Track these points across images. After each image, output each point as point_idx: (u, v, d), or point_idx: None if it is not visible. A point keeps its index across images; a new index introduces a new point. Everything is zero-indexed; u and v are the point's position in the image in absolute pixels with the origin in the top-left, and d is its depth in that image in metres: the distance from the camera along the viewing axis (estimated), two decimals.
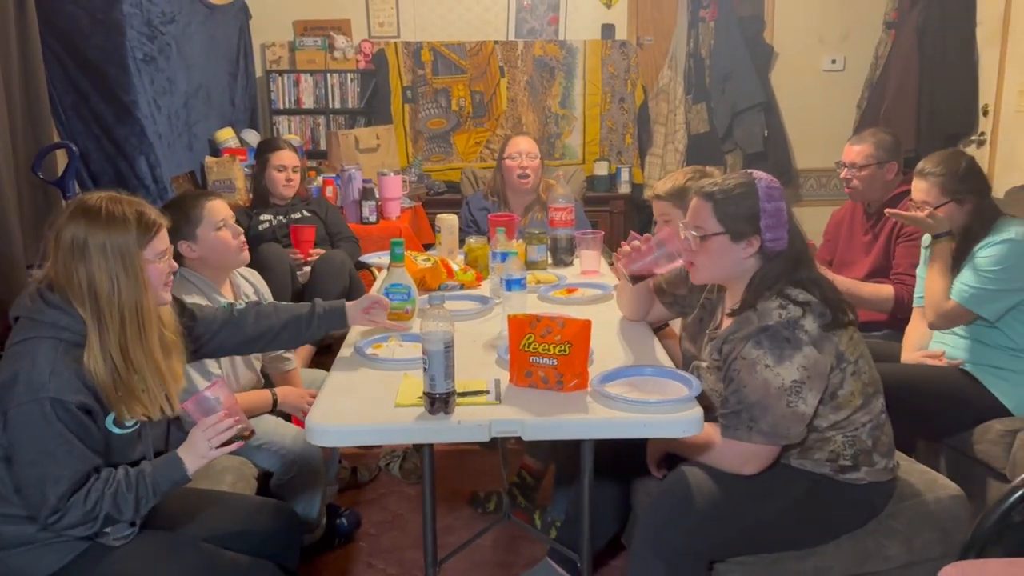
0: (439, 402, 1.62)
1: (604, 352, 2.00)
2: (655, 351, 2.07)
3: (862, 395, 1.80)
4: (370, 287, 2.96)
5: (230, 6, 4.84)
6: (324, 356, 3.29)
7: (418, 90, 5.28)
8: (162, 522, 1.79)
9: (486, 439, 1.63)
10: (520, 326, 1.77)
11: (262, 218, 3.68)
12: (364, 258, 3.18)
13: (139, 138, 3.63)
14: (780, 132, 5.31)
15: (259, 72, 5.29)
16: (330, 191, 4.30)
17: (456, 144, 5.37)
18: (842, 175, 2.96)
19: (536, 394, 1.75)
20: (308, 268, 3.55)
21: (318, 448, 2.32)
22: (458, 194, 4.89)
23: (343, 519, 2.61)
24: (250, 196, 3.95)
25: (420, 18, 5.32)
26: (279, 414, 2.42)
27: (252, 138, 4.75)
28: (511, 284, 2.14)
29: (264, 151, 3.73)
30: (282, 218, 3.71)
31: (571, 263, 2.98)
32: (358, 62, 5.26)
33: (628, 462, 2.07)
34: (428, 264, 2.59)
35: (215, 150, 4.44)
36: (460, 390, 1.69)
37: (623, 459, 2.07)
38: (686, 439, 1.82)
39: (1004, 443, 2.31)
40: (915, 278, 2.69)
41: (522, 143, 3.53)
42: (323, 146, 5.18)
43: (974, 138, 4.43)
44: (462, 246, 2.94)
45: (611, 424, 1.66)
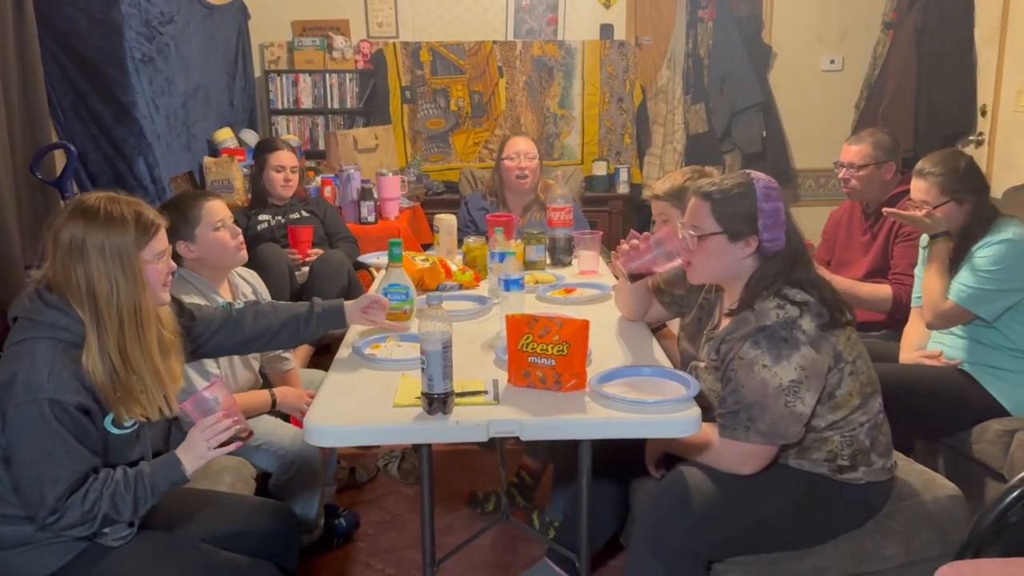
0: (437, 402, 1.62)
1: (602, 352, 2.00)
2: (653, 351, 2.07)
3: (860, 395, 1.81)
4: (368, 287, 2.96)
5: (229, 6, 4.84)
6: (323, 356, 3.29)
7: (417, 90, 5.28)
8: (160, 522, 1.79)
9: (484, 439, 1.63)
10: (518, 326, 1.77)
11: (260, 218, 3.68)
12: (362, 258, 3.18)
13: (137, 138, 3.62)
14: (778, 132, 5.32)
15: (258, 72, 5.28)
16: (328, 191, 4.29)
17: (455, 144, 5.37)
18: (840, 175, 2.96)
19: (534, 394, 1.75)
20: (306, 268, 3.55)
21: (317, 448, 2.32)
22: (457, 194, 4.88)
23: (341, 519, 2.61)
24: (248, 196, 3.95)
25: (419, 18, 5.32)
26: (278, 414, 2.42)
27: (251, 138, 4.74)
28: (509, 284, 2.14)
29: (262, 151, 3.73)
30: (280, 218, 3.71)
31: (569, 263, 2.98)
32: (357, 62, 5.26)
33: (626, 462, 2.08)
34: (426, 264, 2.59)
35: (213, 150, 4.43)
36: (458, 390, 1.69)
37: (621, 459, 2.07)
38: (684, 439, 1.82)
39: (1002, 443, 2.31)
40: (913, 278, 2.69)
41: (520, 144, 3.53)
42: (322, 146, 5.17)
43: (972, 138, 4.43)
44: (460, 246, 2.94)
45: (609, 424, 1.66)
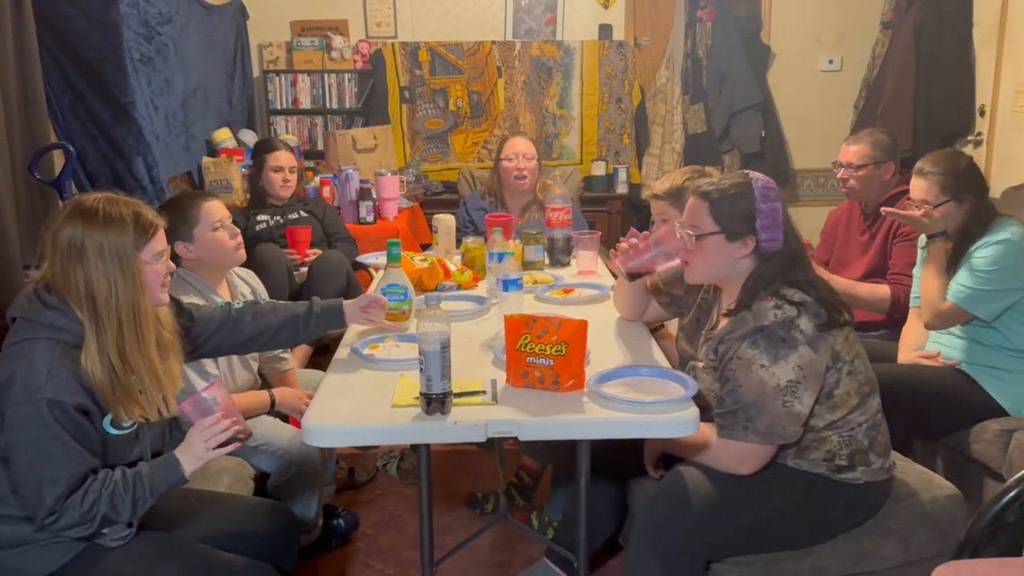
0: (435, 402, 1.62)
1: (601, 352, 2.00)
2: (652, 351, 2.07)
3: (858, 395, 1.81)
4: (367, 288, 2.96)
5: (227, 6, 4.84)
6: (321, 357, 3.29)
7: (415, 90, 5.28)
8: (159, 523, 1.79)
9: (482, 439, 1.63)
10: (517, 326, 1.77)
11: (259, 219, 3.68)
12: (361, 258, 3.18)
13: (136, 139, 3.62)
14: (777, 132, 5.32)
15: (256, 72, 5.28)
16: (327, 191, 4.29)
17: (453, 144, 5.37)
18: (839, 175, 2.96)
19: (532, 394, 1.75)
20: (305, 269, 3.55)
21: (316, 449, 2.32)
22: (455, 194, 4.87)
23: (340, 520, 2.61)
24: (247, 197, 3.95)
25: (417, 18, 5.32)
26: (276, 415, 2.42)
27: (249, 138, 4.74)
28: (508, 284, 2.14)
29: (260, 152, 3.73)
30: (279, 219, 3.71)
31: (568, 263, 2.98)
32: (355, 62, 5.26)
33: (625, 462, 2.08)
34: (425, 264, 2.58)
35: (212, 150, 4.43)
36: (456, 390, 1.69)
37: (620, 459, 2.07)
38: (682, 439, 1.82)
39: (1000, 443, 2.31)
40: (912, 278, 2.70)
41: (519, 144, 3.52)
42: (320, 146, 5.17)
43: (971, 138, 4.44)
44: (459, 246, 2.94)
45: (607, 424, 1.66)
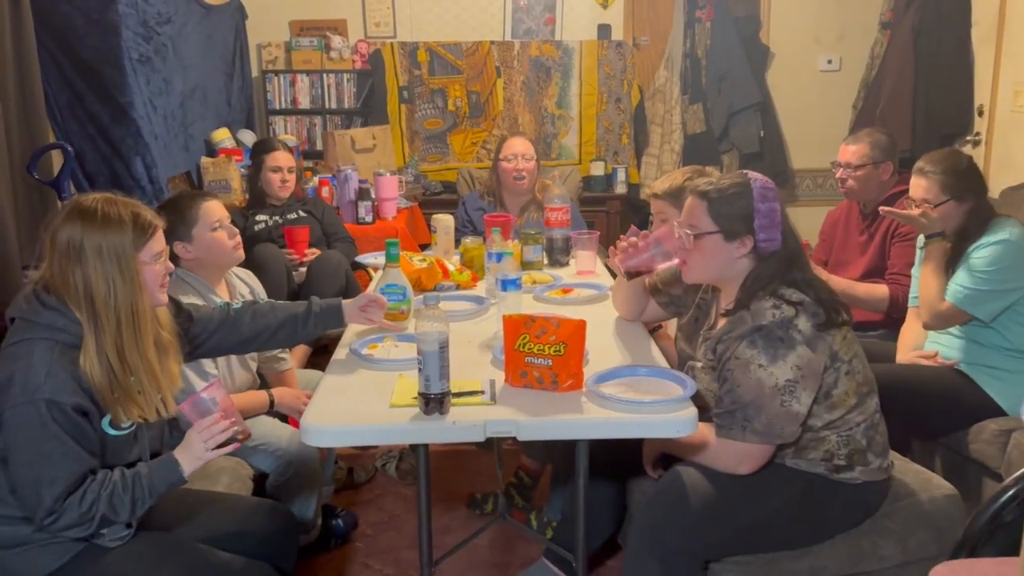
0: (434, 402, 1.62)
1: (599, 352, 2.00)
2: (650, 351, 2.07)
3: (856, 395, 1.81)
4: (366, 288, 2.96)
5: (226, 6, 4.84)
6: (320, 357, 3.28)
7: (414, 90, 5.28)
8: (158, 523, 1.79)
9: (481, 439, 1.63)
10: (515, 326, 1.77)
11: (258, 219, 3.68)
12: (360, 258, 3.18)
13: (135, 139, 3.62)
14: (776, 132, 5.32)
15: (255, 72, 5.28)
16: (326, 191, 4.29)
17: (452, 144, 5.37)
18: (838, 175, 2.96)
19: (531, 394, 1.75)
20: (304, 268, 3.55)
21: (315, 449, 2.32)
22: (454, 194, 4.88)
23: (339, 520, 2.61)
24: (246, 197, 3.95)
25: (416, 18, 5.32)
26: (275, 415, 2.42)
27: (248, 138, 4.74)
28: (507, 284, 2.14)
29: (259, 152, 3.73)
30: (278, 219, 3.71)
31: (567, 263, 2.98)
32: (354, 62, 5.26)
33: (624, 462, 2.08)
34: (424, 264, 2.59)
35: (211, 151, 4.43)
36: (455, 390, 1.69)
37: (619, 459, 2.07)
38: (681, 439, 1.82)
39: (999, 443, 2.32)
40: (910, 278, 2.70)
41: (517, 145, 3.52)
42: (319, 146, 5.17)
43: (969, 138, 4.44)
44: (458, 246, 2.94)
45: (606, 424, 1.66)
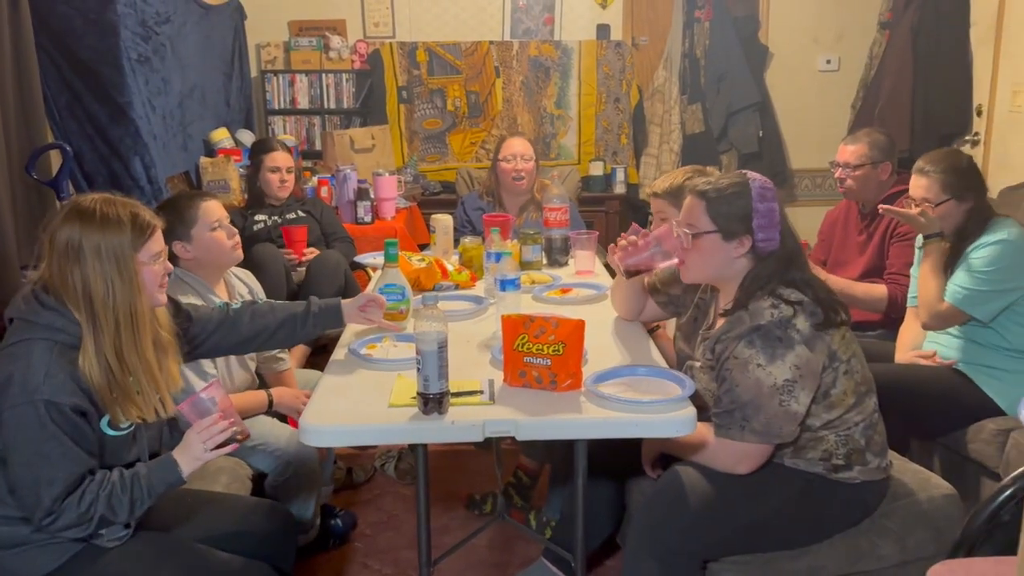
0: (433, 402, 1.62)
1: (598, 352, 2.00)
2: (649, 351, 2.07)
3: (855, 394, 1.81)
4: (365, 288, 2.96)
5: (225, 6, 4.84)
6: (319, 357, 3.29)
7: (413, 90, 5.28)
8: (157, 523, 1.79)
9: (480, 439, 1.63)
10: (514, 326, 1.77)
11: (257, 219, 3.68)
12: (359, 258, 3.18)
13: (134, 139, 3.62)
14: (775, 132, 5.32)
15: (254, 72, 5.28)
16: (325, 191, 4.29)
17: (451, 144, 5.37)
18: (836, 175, 2.96)
19: (530, 394, 1.75)
20: (303, 268, 3.55)
21: (313, 449, 2.32)
22: (453, 194, 4.88)
23: (338, 520, 2.61)
24: (245, 197, 3.95)
25: (415, 18, 5.32)
26: (274, 415, 2.42)
27: (247, 138, 4.74)
28: (505, 284, 2.14)
29: (258, 152, 3.73)
30: (277, 218, 3.71)
31: (566, 263, 2.98)
32: (353, 62, 5.26)
33: (623, 462, 2.08)
34: (423, 264, 2.58)
35: (210, 150, 4.43)
36: (454, 390, 1.69)
37: (618, 459, 2.07)
38: (680, 439, 1.82)
39: (997, 442, 2.32)
40: (909, 278, 2.70)
41: (516, 145, 3.52)
42: (318, 146, 5.17)
43: (968, 138, 4.44)
44: (457, 246, 2.94)
45: (605, 424, 1.66)
